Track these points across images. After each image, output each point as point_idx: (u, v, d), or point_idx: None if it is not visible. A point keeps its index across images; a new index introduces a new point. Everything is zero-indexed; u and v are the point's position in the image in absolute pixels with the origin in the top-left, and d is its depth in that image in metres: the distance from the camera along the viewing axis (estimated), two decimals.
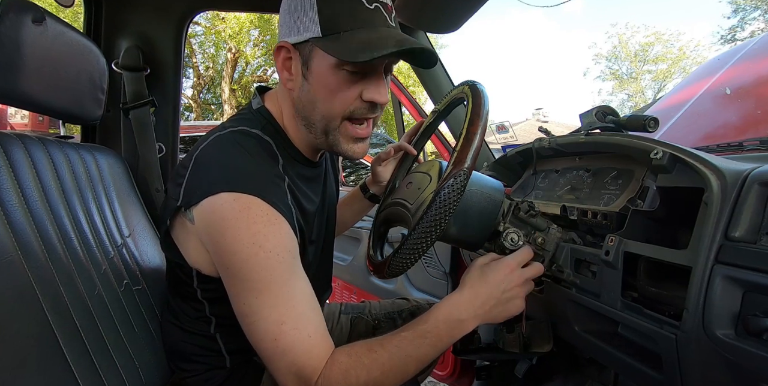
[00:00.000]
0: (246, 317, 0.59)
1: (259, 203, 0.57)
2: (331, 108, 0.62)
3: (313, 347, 0.58)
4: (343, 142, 0.66)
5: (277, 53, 0.64)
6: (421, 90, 5.90)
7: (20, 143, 0.65)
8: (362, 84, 0.61)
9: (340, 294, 1.97)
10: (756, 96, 1.34)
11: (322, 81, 0.61)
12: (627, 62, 21.38)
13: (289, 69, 0.64)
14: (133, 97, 1.03)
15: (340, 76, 0.59)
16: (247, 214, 0.56)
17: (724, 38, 16.88)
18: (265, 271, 0.57)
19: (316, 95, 0.62)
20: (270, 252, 0.57)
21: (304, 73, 0.62)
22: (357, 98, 0.61)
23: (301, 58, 0.61)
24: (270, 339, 0.57)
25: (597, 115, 0.80)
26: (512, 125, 2.71)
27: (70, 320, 0.61)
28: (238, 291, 0.59)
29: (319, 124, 0.64)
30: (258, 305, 0.57)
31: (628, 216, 0.62)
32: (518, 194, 0.96)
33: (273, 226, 0.58)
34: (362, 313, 0.94)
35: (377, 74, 0.61)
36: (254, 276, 0.57)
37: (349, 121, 0.64)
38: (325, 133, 0.65)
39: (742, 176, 0.49)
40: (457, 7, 1.09)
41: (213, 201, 0.57)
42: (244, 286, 0.58)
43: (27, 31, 0.67)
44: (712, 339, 0.45)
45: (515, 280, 0.62)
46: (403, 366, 0.59)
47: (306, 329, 0.58)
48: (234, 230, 0.56)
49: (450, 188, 0.54)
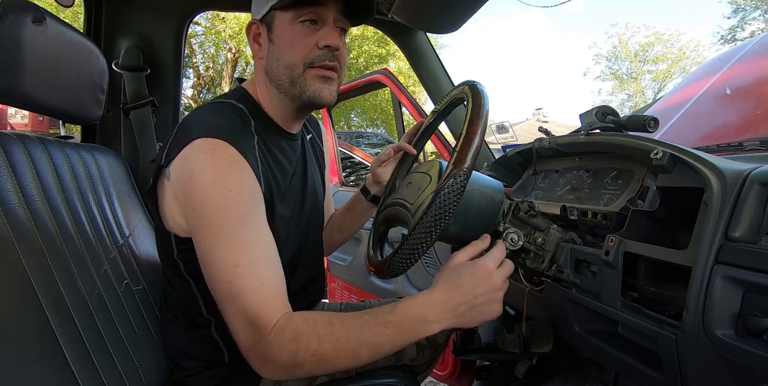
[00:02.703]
0: (205, 259, 0.61)
1: (225, 145, 0.62)
2: (292, 57, 0.70)
3: (265, 297, 0.59)
4: (310, 85, 0.71)
5: (248, 31, 0.75)
6: (421, 90, 5.90)
7: (20, 143, 0.65)
8: (317, 35, 0.70)
9: (340, 294, 1.97)
10: (756, 96, 1.34)
11: (283, 38, 0.70)
12: (627, 62, 21.39)
13: (258, 42, 0.74)
14: (134, 97, 1.03)
15: (296, 28, 0.69)
16: (212, 155, 0.61)
17: (724, 38, 16.88)
18: (223, 210, 0.60)
19: (280, 51, 0.71)
20: (230, 190, 0.60)
21: (270, 37, 0.72)
22: (314, 47, 0.70)
23: (266, 27, 0.72)
24: (225, 281, 0.59)
25: (597, 115, 0.80)
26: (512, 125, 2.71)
27: (70, 320, 0.61)
28: (199, 232, 0.62)
29: (284, 77, 0.71)
30: (215, 245, 0.60)
31: (628, 216, 0.62)
32: (518, 194, 0.96)
33: (236, 168, 0.62)
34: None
35: (329, 25, 0.70)
36: (213, 214, 0.60)
37: (311, 67, 0.71)
38: (291, 83, 0.71)
39: (742, 176, 0.49)
40: (457, 7, 1.09)
41: (186, 149, 0.62)
42: (204, 226, 0.61)
43: (27, 31, 0.67)
44: (712, 339, 0.45)
45: (492, 283, 0.60)
46: (356, 348, 0.58)
47: (259, 277, 0.60)
48: (199, 169, 0.61)
49: (450, 188, 0.54)
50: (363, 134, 7.56)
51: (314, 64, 0.70)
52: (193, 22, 1.22)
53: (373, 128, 13.34)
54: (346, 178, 4.07)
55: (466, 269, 0.61)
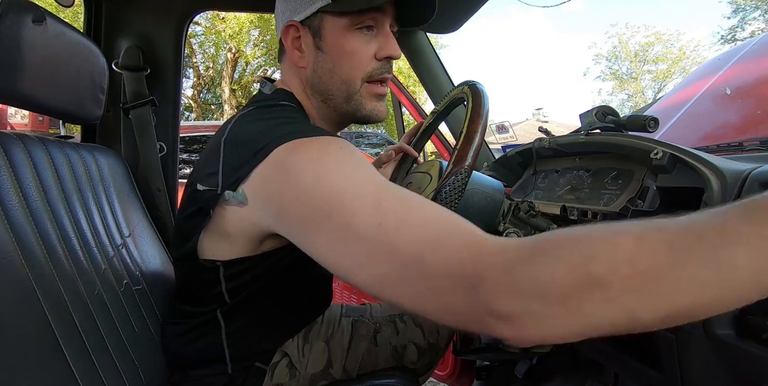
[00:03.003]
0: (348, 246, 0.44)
1: (333, 139, 0.51)
2: (350, 70, 0.63)
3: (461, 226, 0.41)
4: (367, 103, 0.66)
5: (285, 34, 0.65)
6: (421, 90, 5.90)
7: (20, 143, 0.65)
8: (375, 42, 0.63)
9: (340, 295, 1.97)
10: (756, 96, 1.34)
11: (337, 46, 0.62)
12: (627, 62, 21.40)
13: (299, 47, 0.65)
14: (134, 96, 1.03)
15: (353, 37, 0.61)
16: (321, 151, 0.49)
17: (724, 38, 16.88)
18: (369, 187, 0.45)
19: (334, 62, 0.63)
20: (350, 174, 0.46)
21: (317, 44, 0.63)
22: (373, 58, 0.63)
23: (311, 31, 0.63)
24: (404, 247, 0.40)
25: (597, 115, 0.80)
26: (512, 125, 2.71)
27: (70, 320, 0.61)
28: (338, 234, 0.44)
29: (339, 92, 0.65)
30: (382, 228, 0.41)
31: (628, 216, 0.62)
32: (518, 194, 0.96)
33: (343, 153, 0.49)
34: (363, 316, 0.93)
35: (386, 31, 0.63)
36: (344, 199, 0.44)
37: (369, 82, 0.65)
38: (347, 99, 0.65)
39: (742, 176, 0.49)
40: (457, 7, 1.09)
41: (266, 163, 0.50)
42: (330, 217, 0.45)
43: (27, 31, 0.67)
44: (712, 339, 0.45)
45: None
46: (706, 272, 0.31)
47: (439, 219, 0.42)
48: (315, 166, 0.47)
49: (451, 186, 0.54)
50: (363, 134, 7.55)
51: (373, 78, 0.64)
52: (193, 22, 1.22)
53: (373, 128, 13.34)
54: None
55: None
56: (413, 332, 0.92)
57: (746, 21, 16.27)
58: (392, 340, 0.89)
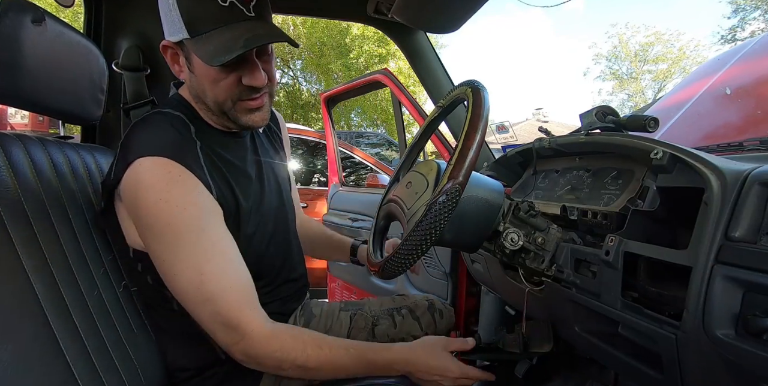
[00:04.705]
0: (167, 273, 0.63)
1: (165, 162, 0.62)
2: (217, 95, 0.68)
3: (236, 298, 0.63)
4: (241, 117, 0.71)
5: (164, 50, 0.70)
6: (421, 90, 5.90)
7: (20, 143, 0.65)
8: (239, 71, 0.67)
9: (340, 294, 1.97)
10: (756, 96, 1.33)
11: (203, 74, 0.67)
12: (627, 62, 21.38)
13: (177, 62, 0.71)
14: (134, 97, 1.03)
15: (216, 68, 0.65)
16: (152, 173, 0.62)
17: (724, 38, 16.88)
18: (175, 226, 0.61)
19: (202, 86, 0.69)
20: (176, 207, 0.61)
21: (189, 66, 0.69)
22: (237, 84, 0.67)
23: (184, 53, 0.68)
24: (192, 289, 0.62)
25: (597, 115, 0.80)
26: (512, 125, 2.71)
27: (70, 320, 0.61)
28: (156, 249, 0.63)
29: (214, 107, 0.71)
30: (174, 258, 0.62)
31: (628, 216, 0.62)
32: (518, 194, 0.96)
33: (178, 183, 0.63)
34: (361, 310, 0.94)
35: (250, 61, 0.67)
36: (166, 231, 0.62)
37: (240, 101, 0.70)
38: (222, 114, 0.71)
39: (743, 176, 0.49)
40: (457, 7, 1.09)
41: (129, 171, 0.63)
42: (159, 243, 0.63)
43: (26, 31, 0.67)
44: (712, 339, 0.45)
45: (447, 383, 0.71)
46: (336, 370, 0.68)
47: (226, 280, 0.63)
48: (144, 190, 0.62)
49: (442, 205, 0.55)
50: (363, 134, 7.55)
51: (242, 98, 0.69)
52: None
53: (373, 128, 13.34)
54: (346, 177, 4.07)
55: (442, 361, 0.71)
56: (411, 325, 0.93)
57: (746, 21, 16.26)
58: (390, 333, 0.90)
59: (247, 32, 0.63)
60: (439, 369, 0.71)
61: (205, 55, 0.63)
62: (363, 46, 11.58)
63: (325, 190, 3.02)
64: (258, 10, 0.65)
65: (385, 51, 11.42)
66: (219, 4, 0.62)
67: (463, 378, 0.72)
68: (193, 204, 0.63)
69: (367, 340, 0.89)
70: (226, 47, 0.62)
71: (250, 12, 0.64)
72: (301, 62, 13.35)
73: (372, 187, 2.28)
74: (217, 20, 0.63)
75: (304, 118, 13.70)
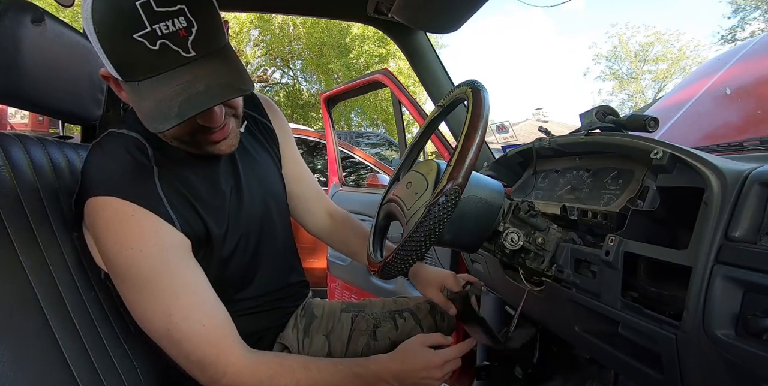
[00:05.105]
0: (135, 312, 0.61)
1: (116, 202, 0.59)
2: (171, 132, 0.60)
3: (211, 336, 0.61)
4: (204, 147, 0.65)
5: (104, 78, 0.61)
6: (421, 90, 5.90)
7: (20, 143, 0.65)
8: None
9: (340, 294, 1.97)
10: (756, 96, 1.33)
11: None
12: (627, 62, 21.39)
13: (121, 91, 0.59)
14: None
15: None
16: (105, 215, 0.59)
17: (724, 38, 16.88)
18: (135, 268, 0.59)
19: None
20: (132, 249, 0.58)
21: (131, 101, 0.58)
22: (192, 122, 0.58)
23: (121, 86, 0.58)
24: (163, 330, 0.60)
25: (597, 115, 0.80)
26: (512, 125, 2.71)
27: (69, 320, 0.61)
28: (121, 290, 0.62)
29: (169, 139, 0.64)
30: (140, 301, 0.60)
31: (628, 216, 0.62)
32: (518, 194, 0.96)
33: (132, 223, 0.59)
34: (363, 311, 0.94)
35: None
36: (128, 273, 0.59)
37: (198, 133, 0.62)
38: (183, 143, 0.64)
39: (743, 176, 0.49)
40: (457, 7, 1.09)
41: (85, 208, 0.61)
42: (123, 284, 0.61)
43: (26, 31, 0.67)
44: (712, 339, 0.45)
45: (435, 374, 0.71)
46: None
47: (198, 319, 0.60)
48: (99, 231, 0.59)
49: (441, 205, 0.55)
50: (363, 134, 7.55)
51: (201, 133, 0.61)
52: None
53: (373, 128, 13.34)
54: (346, 177, 4.07)
55: (425, 353, 0.71)
56: (412, 328, 0.93)
57: (746, 21, 16.26)
58: (391, 335, 0.90)
59: (182, 92, 0.52)
60: (423, 364, 0.70)
61: (142, 114, 0.53)
62: (363, 46, 11.58)
63: (325, 189, 3.02)
64: (201, 45, 0.53)
65: (385, 51, 11.43)
66: (147, 47, 0.51)
67: (446, 362, 0.71)
68: (152, 245, 0.59)
69: (368, 343, 0.88)
70: (160, 111, 0.52)
71: (189, 51, 0.52)
72: (301, 62, 13.36)
73: (372, 186, 2.28)
74: (148, 68, 0.52)
75: (304, 117, 13.70)
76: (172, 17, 0.51)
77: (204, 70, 0.53)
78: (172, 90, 0.52)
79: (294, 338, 0.84)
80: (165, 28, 0.50)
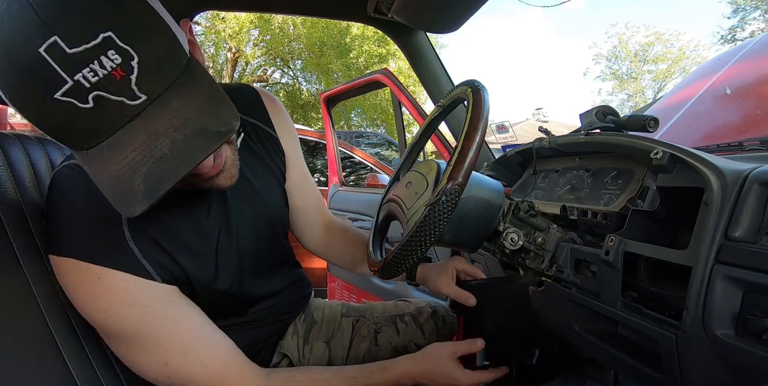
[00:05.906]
0: (130, 366, 0.59)
1: (76, 265, 0.53)
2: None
3: (215, 375, 0.59)
4: (200, 184, 0.56)
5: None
6: (421, 90, 5.90)
7: (19, 143, 0.65)
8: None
9: (340, 294, 1.97)
10: (756, 96, 1.33)
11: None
12: (627, 62, 21.42)
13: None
14: None
15: None
16: (70, 278, 0.54)
17: (724, 38, 16.88)
18: (116, 328, 0.55)
19: None
20: (107, 312, 0.54)
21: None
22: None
23: None
24: (163, 378, 0.58)
25: (597, 115, 0.80)
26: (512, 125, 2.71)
27: (68, 320, 0.61)
28: (111, 346, 0.59)
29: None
30: (130, 354, 0.58)
31: (628, 216, 0.62)
32: (518, 194, 0.96)
33: (100, 286, 0.53)
34: (364, 316, 0.93)
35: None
36: (111, 334, 0.57)
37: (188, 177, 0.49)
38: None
39: (743, 176, 0.49)
40: (457, 7, 1.09)
41: (51, 262, 0.56)
42: (108, 339, 0.58)
43: None
44: (712, 339, 0.45)
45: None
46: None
47: (198, 361, 0.58)
48: (67, 292, 0.55)
49: (441, 205, 0.55)
50: (363, 134, 7.55)
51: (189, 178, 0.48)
52: (193, 21, 1.21)
53: (373, 128, 13.35)
54: (346, 177, 4.07)
55: (448, 368, 0.70)
56: (414, 333, 0.92)
57: (746, 21, 16.27)
58: (393, 341, 0.89)
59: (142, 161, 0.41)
60: (446, 378, 0.69)
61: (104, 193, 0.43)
62: (363, 46, 11.58)
63: (325, 189, 3.02)
64: (152, 81, 0.41)
65: (385, 51, 11.43)
66: (78, 108, 0.38)
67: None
68: (128, 306, 0.54)
69: (369, 349, 0.88)
70: (121, 192, 0.42)
71: (136, 97, 0.40)
72: (301, 62, 13.36)
73: (372, 186, 2.28)
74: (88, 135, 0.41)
75: (303, 117, 13.70)
76: (98, 55, 0.37)
77: (163, 120, 0.41)
78: (130, 159, 0.41)
79: (294, 346, 0.83)
80: (92, 74, 0.37)
